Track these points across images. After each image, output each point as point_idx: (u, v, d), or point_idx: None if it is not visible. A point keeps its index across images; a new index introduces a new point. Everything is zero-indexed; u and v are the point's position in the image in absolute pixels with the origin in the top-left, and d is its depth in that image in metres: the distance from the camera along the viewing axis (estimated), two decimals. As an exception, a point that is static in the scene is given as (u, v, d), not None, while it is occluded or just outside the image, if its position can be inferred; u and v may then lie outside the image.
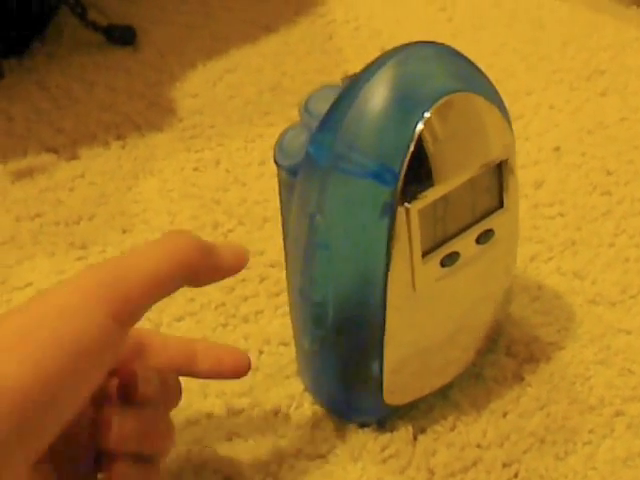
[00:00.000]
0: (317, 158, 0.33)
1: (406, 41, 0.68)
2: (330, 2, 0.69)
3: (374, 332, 0.35)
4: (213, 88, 0.60)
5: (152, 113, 0.58)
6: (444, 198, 0.34)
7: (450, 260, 0.35)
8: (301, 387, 0.41)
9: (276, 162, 0.36)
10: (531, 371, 0.42)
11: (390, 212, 0.32)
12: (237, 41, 0.64)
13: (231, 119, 0.58)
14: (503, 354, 0.43)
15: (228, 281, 0.46)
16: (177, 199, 0.52)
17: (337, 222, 0.33)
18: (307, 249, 0.35)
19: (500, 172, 0.35)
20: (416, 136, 0.31)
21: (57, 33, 0.65)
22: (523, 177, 0.53)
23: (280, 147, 0.36)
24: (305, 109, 0.36)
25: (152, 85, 0.60)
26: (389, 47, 0.34)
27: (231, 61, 0.63)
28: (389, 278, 0.33)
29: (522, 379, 0.42)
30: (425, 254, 0.34)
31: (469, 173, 0.34)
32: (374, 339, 0.35)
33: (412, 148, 0.31)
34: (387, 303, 0.34)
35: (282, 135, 0.36)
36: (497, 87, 0.60)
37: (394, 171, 0.32)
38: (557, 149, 0.55)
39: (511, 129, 0.36)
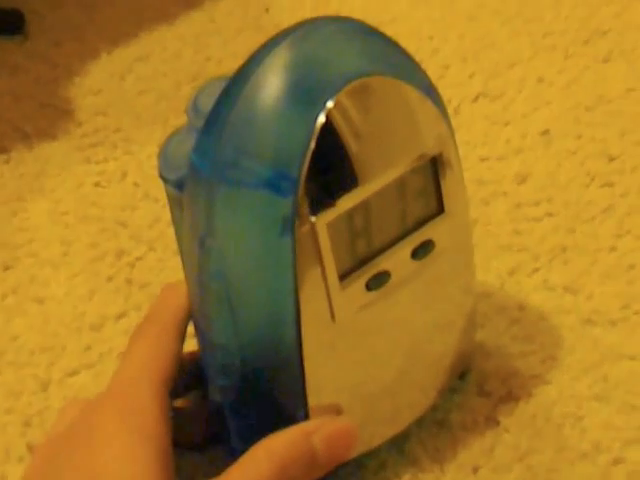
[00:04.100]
0: (201, 167, 0.34)
1: (361, 11, 0.69)
2: (267, -35, 0.71)
3: (293, 378, 0.36)
4: (120, 82, 0.61)
5: (44, 118, 0.59)
6: (364, 205, 0.34)
7: (378, 282, 0.35)
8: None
9: (160, 176, 0.37)
10: (508, 413, 0.42)
11: (291, 228, 0.33)
12: (149, 22, 0.66)
13: (142, 120, 0.59)
14: (473, 394, 0.43)
15: (134, 320, 0.47)
16: (73, 223, 0.53)
17: (231, 245, 0.34)
18: (201, 279, 0.35)
19: (435, 170, 0.36)
20: (317, 131, 0.32)
21: None
22: (503, 171, 0.54)
23: (164, 157, 0.37)
24: (193, 107, 0.37)
25: (44, 83, 0.62)
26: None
27: (142, 47, 0.64)
28: (301, 310, 0.34)
29: (497, 423, 0.42)
30: (344, 276, 0.35)
31: (394, 173, 0.35)
32: (295, 387, 0.36)
33: (312, 146, 0.32)
34: (303, 341, 0.35)
35: (166, 142, 0.37)
36: (472, 60, 0.62)
37: (292, 177, 0.32)
38: (546, 133, 0.56)
39: (446, 117, 0.36)
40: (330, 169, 0.33)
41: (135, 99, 0.60)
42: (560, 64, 0.60)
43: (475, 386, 0.44)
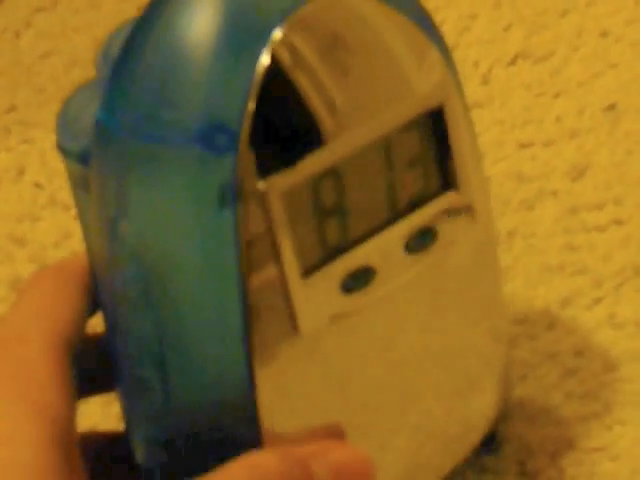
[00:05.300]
0: (110, 125, 0.35)
1: None
2: None
3: (244, 424, 0.36)
4: (14, 41, 0.63)
5: None
6: (335, 173, 0.35)
7: (359, 280, 0.36)
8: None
9: (59, 146, 0.38)
10: (561, 502, 0.43)
11: (233, 199, 0.33)
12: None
13: (45, 94, 0.60)
14: (511, 474, 0.44)
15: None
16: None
17: (152, 229, 0.35)
18: (113, 284, 0.36)
19: (436, 129, 0.37)
20: (262, 69, 0.33)
21: None
22: (552, 161, 0.55)
23: (64, 120, 0.38)
24: (103, 55, 0.38)
25: None
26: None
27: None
28: (251, 318, 0.34)
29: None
30: (310, 271, 0.35)
31: (377, 129, 0.35)
32: (245, 439, 0.36)
33: (256, 89, 0.33)
34: (254, 364, 0.35)
35: (68, 101, 0.38)
36: (508, 6, 0.62)
37: (230, 128, 0.33)
38: (611, 108, 0.57)
39: (447, 58, 0.37)
40: (283, 119, 0.34)
41: (35, 65, 0.61)
42: (630, 11, 0.61)
43: (513, 463, 0.44)
